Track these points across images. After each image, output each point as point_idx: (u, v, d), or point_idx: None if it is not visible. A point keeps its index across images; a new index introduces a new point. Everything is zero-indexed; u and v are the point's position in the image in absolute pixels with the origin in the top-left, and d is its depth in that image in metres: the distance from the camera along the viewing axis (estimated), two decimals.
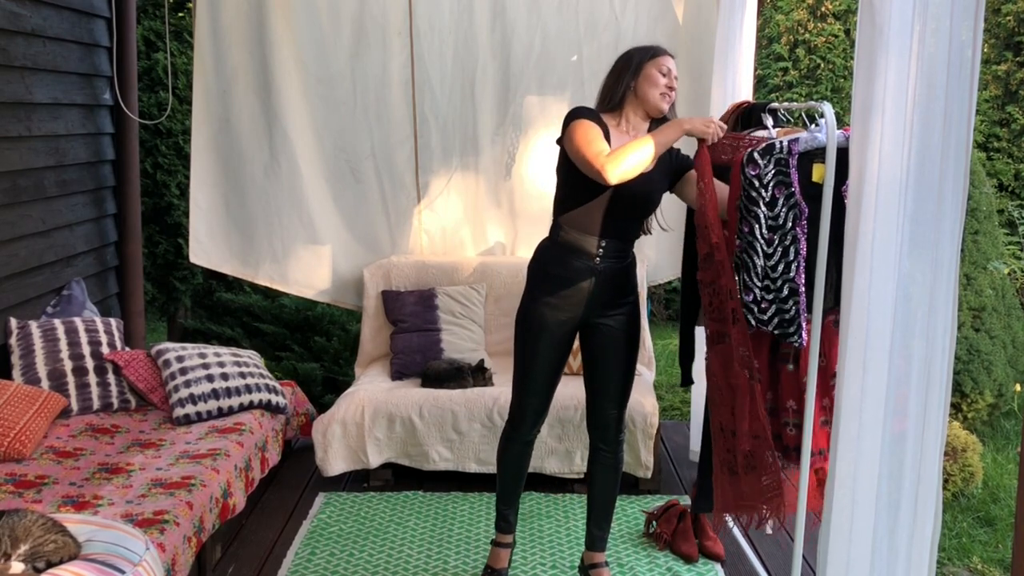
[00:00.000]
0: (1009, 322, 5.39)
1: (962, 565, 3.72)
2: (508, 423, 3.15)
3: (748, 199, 2.66)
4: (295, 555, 3.43)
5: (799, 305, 2.65)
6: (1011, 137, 8.18)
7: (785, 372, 2.79)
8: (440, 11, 4.58)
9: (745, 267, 2.69)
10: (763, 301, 2.69)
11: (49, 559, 2.06)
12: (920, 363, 1.98)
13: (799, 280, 2.64)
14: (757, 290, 2.69)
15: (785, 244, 2.65)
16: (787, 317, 2.67)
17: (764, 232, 2.65)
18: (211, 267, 4.73)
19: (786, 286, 2.66)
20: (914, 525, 2.03)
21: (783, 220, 2.64)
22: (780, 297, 2.67)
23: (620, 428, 3.10)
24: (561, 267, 2.93)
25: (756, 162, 2.65)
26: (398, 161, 4.75)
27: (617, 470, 3.14)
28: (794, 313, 2.66)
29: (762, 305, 2.69)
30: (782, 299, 2.66)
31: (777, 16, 8.20)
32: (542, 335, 2.97)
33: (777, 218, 2.65)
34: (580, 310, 2.95)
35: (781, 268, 2.66)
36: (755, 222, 2.65)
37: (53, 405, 3.48)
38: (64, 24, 4.24)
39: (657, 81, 2.85)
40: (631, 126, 2.92)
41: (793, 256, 2.65)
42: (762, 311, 2.69)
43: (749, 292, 2.70)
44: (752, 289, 2.69)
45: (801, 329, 2.66)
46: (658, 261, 4.81)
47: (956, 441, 4.25)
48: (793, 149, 2.64)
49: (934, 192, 1.91)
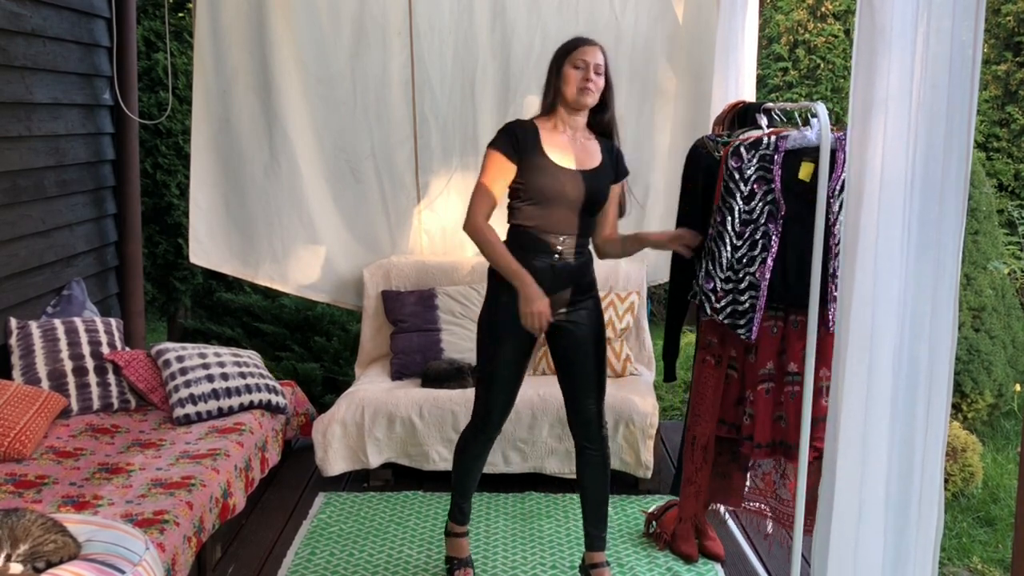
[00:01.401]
0: (1009, 322, 5.39)
1: (962, 565, 3.72)
2: (473, 423, 3.17)
3: (726, 190, 2.68)
4: (295, 555, 3.43)
5: (756, 300, 2.66)
6: (1011, 137, 8.18)
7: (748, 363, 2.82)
8: (440, 11, 4.58)
9: (711, 255, 2.71)
10: (720, 291, 2.70)
11: (49, 559, 2.06)
12: (924, 364, 1.98)
13: (760, 275, 2.65)
14: (718, 280, 2.70)
15: (755, 238, 2.66)
16: (740, 309, 2.68)
17: (736, 225, 2.67)
18: (211, 267, 4.73)
19: (747, 279, 2.67)
20: (919, 526, 2.03)
21: (757, 215, 2.65)
22: (738, 289, 2.68)
23: (601, 422, 3.12)
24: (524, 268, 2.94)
25: (740, 155, 2.66)
26: (398, 161, 4.75)
27: (606, 467, 3.14)
28: (748, 307, 2.67)
29: (718, 294, 2.71)
30: (739, 291, 2.68)
31: (777, 16, 8.20)
32: (506, 337, 3.00)
33: (752, 212, 2.66)
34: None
35: (745, 261, 2.67)
36: (728, 214, 2.67)
37: (53, 405, 3.48)
38: (64, 24, 4.24)
39: (572, 79, 2.90)
40: (567, 125, 2.99)
41: (760, 251, 2.66)
42: (717, 300, 2.71)
43: (710, 280, 2.71)
44: (713, 278, 2.71)
45: (752, 323, 2.67)
46: (658, 261, 4.80)
47: (956, 441, 4.25)
48: (780, 146, 2.65)
49: (936, 192, 1.91)
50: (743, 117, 3.24)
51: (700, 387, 2.91)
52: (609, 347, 4.36)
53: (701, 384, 2.90)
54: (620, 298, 4.46)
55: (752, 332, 2.67)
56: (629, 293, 4.50)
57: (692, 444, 2.95)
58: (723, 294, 2.70)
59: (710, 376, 2.86)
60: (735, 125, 3.24)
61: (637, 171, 4.77)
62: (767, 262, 2.65)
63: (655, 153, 4.74)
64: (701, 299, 2.74)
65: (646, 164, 4.74)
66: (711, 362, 2.83)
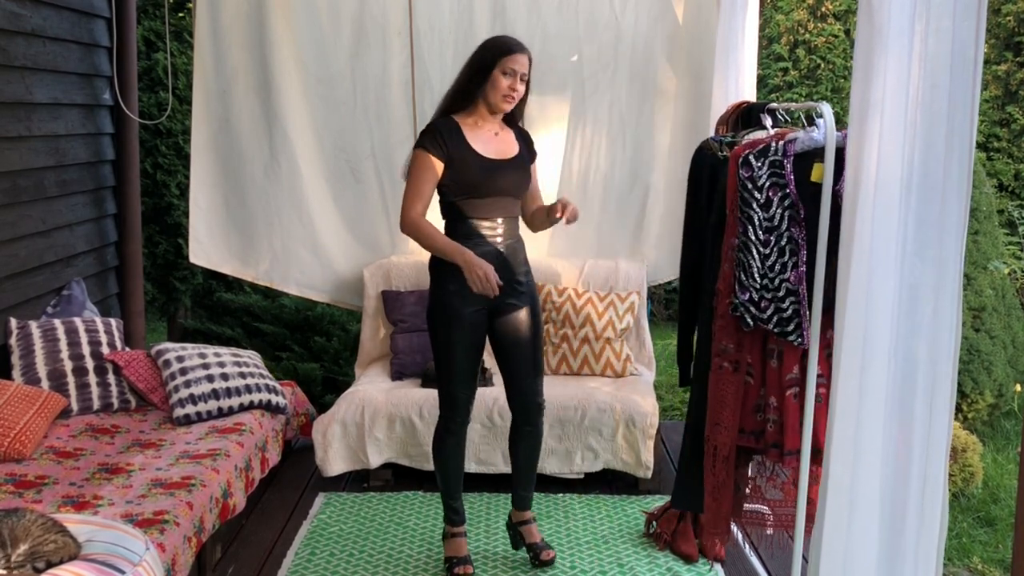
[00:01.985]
0: (1009, 322, 5.39)
1: (962, 565, 3.72)
2: (441, 417, 3.26)
3: (742, 200, 2.67)
4: (295, 555, 3.43)
5: (797, 305, 2.65)
6: (1011, 137, 8.18)
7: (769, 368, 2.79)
8: (440, 11, 4.58)
9: (741, 266, 2.70)
10: (762, 300, 2.69)
11: (49, 559, 2.06)
12: (926, 365, 1.97)
13: (794, 280, 2.64)
14: (753, 291, 2.69)
15: (781, 244, 2.65)
16: (784, 316, 2.67)
17: (759, 233, 2.66)
18: (211, 267, 4.73)
19: (783, 286, 2.66)
20: (919, 528, 2.02)
21: (778, 221, 2.65)
22: (778, 297, 2.67)
23: (539, 397, 3.27)
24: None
25: (750, 164, 2.65)
26: (398, 161, 4.70)
27: (539, 438, 3.33)
28: (791, 313, 2.67)
29: (761, 304, 2.70)
30: (779, 298, 2.67)
31: (777, 16, 8.20)
32: (456, 324, 3.12)
33: (772, 219, 2.66)
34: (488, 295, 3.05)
35: (778, 268, 2.66)
36: (748, 223, 2.66)
37: (53, 405, 3.48)
38: (64, 24, 4.24)
39: (500, 86, 3.04)
40: (487, 121, 3.14)
41: (789, 256, 2.65)
42: (761, 310, 2.70)
43: (744, 292, 2.70)
44: (748, 288, 2.70)
45: (801, 329, 2.66)
46: (658, 261, 4.80)
47: (956, 441, 4.25)
48: (788, 150, 2.64)
49: (938, 192, 1.91)
50: (747, 117, 3.23)
51: (719, 395, 2.83)
52: (609, 347, 4.36)
53: (720, 392, 2.83)
54: (620, 298, 4.46)
55: (804, 338, 2.66)
56: (629, 293, 4.50)
57: (714, 455, 2.88)
58: (765, 304, 2.69)
59: (729, 383, 2.81)
60: (739, 125, 3.23)
61: (637, 171, 4.79)
62: (799, 266, 2.64)
63: (655, 153, 4.73)
64: (741, 311, 2.73)
65: (646, 164, 4.74)
66: (728, 368, 2.79)
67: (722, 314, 2.81)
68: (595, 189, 4.77)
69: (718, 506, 2.91)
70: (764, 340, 2.79)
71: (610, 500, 3.94)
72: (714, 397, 2.86)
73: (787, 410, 2.75)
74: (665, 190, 4.73)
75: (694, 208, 3.19)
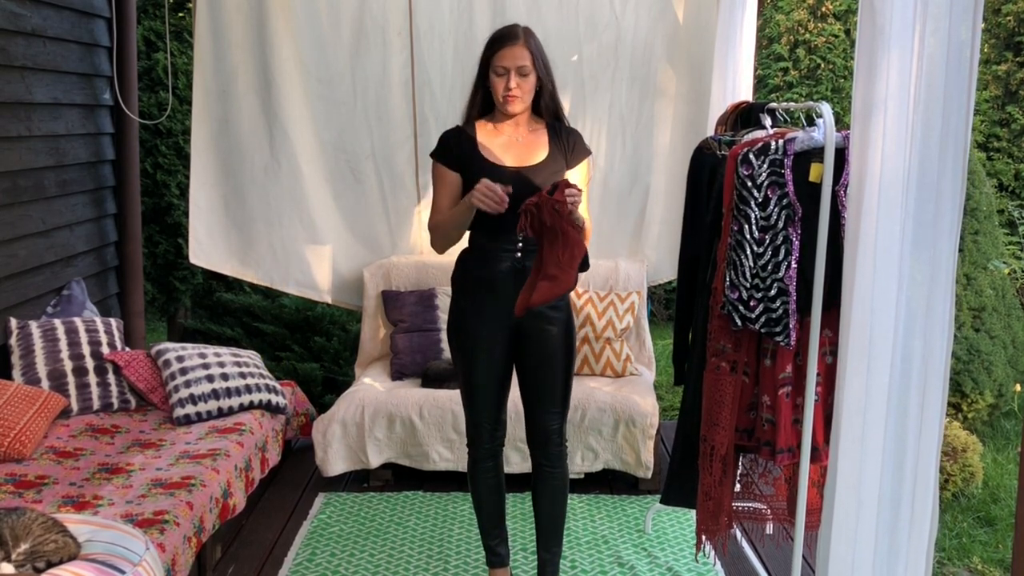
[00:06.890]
0: (1009, 322, 5.39)
1: (962, 565, 3.72)
2: (468, 443, 3.03)
3: (739, 198, 2.67)
4: (295, 555, 3.43)
5: (787, 305, 2.66)
6: (1011, 137, 8.18)
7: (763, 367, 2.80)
8: (440, 11, 4.58)
9: (733, 265, 2.70)
10: (751, 300, 2.69)
11: (49, 559, 2.06)
12: (919, 362, 1.99)
13: (788, 280, 2.64)
14: (744, 289, 2.69)
15: (776, 244, 2.65)
16: (774, 316, 2.67)
17: (754, 232, 2.66)
18: (211, 267, 4.72)
19: (775, 285, 2.66)
20: (911, 524, 2.03)
21: (775, 220, 2.65)
22: (769, 296, 2.67)
23: (562, 440, 2.97)
24: (486, 270, 2.86)
25: (750, 162, 2.65)
26: (398, 161, 4.75)
27: (564, 489, 3.00)
28: (781, 313, 2.67)
29: (750, 304, 2.70)
30: (770, 298, 2.67)
31: (777, 16, 8.20)
32: (477, 345, 2.89)
33: (769, 218, 2.66)
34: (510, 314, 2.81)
35: (771, 268, 2.67)
36: (744, 221, 2.66)
37: (53, 405, 3.48)
38: (64, 24, 4.24)
39: (497, 88, 2.80)
40: (506, 125, 2.88)
41: (783, 256, 2.65)
42: (749, 309, 2.70)
43: (735, 290, 2.70)
44: (739, 287, 2.70)
45: (788, 329, 2.66)
46: (658, 261, 4.80)
47: (956, 441, 4.25)
48: (789, 149, 2.64)
49: (932, 192, 1.92)
50: (746, 117, 3.23)
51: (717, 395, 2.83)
52: (609, 347, 4.36)
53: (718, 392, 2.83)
54: (620, 298, 4.46)
55: (791, 338, 2.66)
56: (629, 293, 4.50)
57: (710, 455, 2.88)
58: (755, 303, 2.69)
59: (727, 383, 2.81)
60: (738, 125, 3.23)
61: (637, 171, 4.79)
62: (792, 266, 2.64)
63: (655, 153, 4.73)
64: (729, 310, 2.72)
65: (646, 164, 4.74)
66: (726, 368, 2.79)
67: (719, 314, 2.81)
68: (595, 189, 4.77)
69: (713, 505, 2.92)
70: (759, 339, 2.80)
71: (610, 500, 3.94)
72: (711, 397, 2.86)
73: (780, 409, 2.76)
74: (665, 190, 4.73)
75: (693, 207, 3.19)
